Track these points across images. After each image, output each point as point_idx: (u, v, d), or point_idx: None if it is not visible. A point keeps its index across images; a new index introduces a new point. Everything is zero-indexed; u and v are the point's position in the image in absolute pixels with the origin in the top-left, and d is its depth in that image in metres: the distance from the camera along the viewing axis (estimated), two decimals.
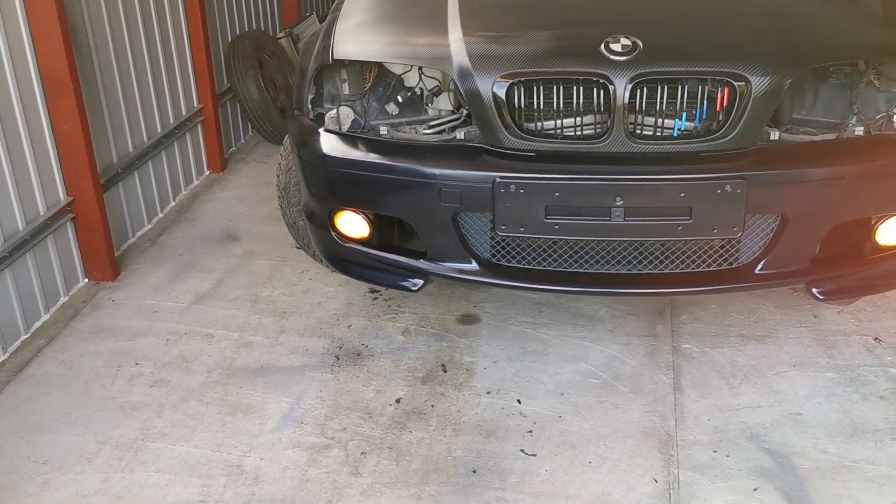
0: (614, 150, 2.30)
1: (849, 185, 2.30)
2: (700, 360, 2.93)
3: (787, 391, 2.75)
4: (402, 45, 2.53)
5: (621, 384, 2.82)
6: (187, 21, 4.33)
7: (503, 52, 2.38)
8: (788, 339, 3.02)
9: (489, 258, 2.50)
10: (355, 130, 2.62)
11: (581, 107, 2.33)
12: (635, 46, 2.29)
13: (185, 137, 4.41)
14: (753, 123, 2.26)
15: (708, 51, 2.32)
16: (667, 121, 2.31)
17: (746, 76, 2.22)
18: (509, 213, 2.33)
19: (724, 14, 2.54)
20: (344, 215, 2.61)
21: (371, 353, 3.03)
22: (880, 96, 2.47)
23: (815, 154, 2.33)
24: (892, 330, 3.03)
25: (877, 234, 2.42)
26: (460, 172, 2.36)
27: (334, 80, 2.66)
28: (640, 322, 3.15)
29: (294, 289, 3.46)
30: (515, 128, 2.35)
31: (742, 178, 2.23)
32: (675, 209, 2.27)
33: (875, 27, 2.52)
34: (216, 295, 3.43)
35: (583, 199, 2.29)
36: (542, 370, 2.90)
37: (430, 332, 3.13)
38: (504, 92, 2.32)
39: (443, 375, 2.89)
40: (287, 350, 3.06)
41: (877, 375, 2.80)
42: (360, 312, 3.28)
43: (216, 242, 3.88)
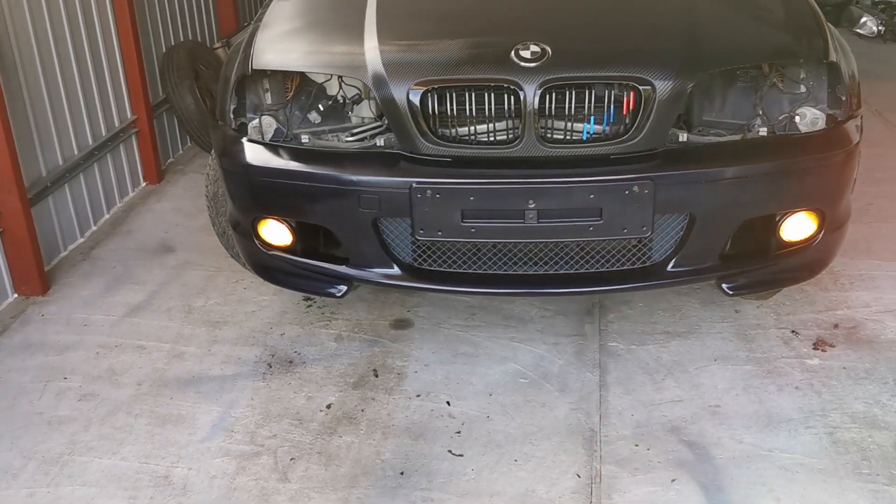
0: (526, 155, 2.37)
1: (752, 184, 2.39)
2: (626, 357, 3.00)
3: (707, 384, 2.83)
4: (320, 55, 2.57)
5: (549, 383, 2.88)
6: (118, 32, 4.31)
7: (417, 59, 2.43)
8: (711, 334, 3.11)
9: (411, 262, 2.54)
10: (278, 139, 2.65)
11: (493, 113, 2.38)
12: (544, 53, 2.36)
13: (119, 149, 4.39)
14: (659, 126, 2.34)
15: (613, 56, 2.40)
16: (576, 125, 2.38)
17: (651, 80, 2.30)
18: (427, 218, 2.38)
19: (629, 20, 2.62)
20: (267, 224, 2.63)
21: (303, 360, 3.05)
22: (784, 98, 2.56)
23: (719, 154, 2.42)
24: (809, 323, 3.14)
25: (781, 230, 2.51)
26: (378, 179, 2.40)
27: (257, 89, 2.69)
28: (569, 322, 3.21)
29: (228, 298, 3.47)
30: (431, 134, 2.40)
31: (649, 179, 2.31)
32: (585, 210, 2.34)
33: (774, 31, 2.62)
34: (149, 307, 3.42)
35: (497, 203, 2.34)
36: (472, 371, 2.95)
37: (363, 338, 3.16)
38: (418, 99, 2.37)
39: (374, 380, 2.92)
40: (219, 360, 3.07)
41: (793, 367, 2.89)
42: (294, 320, 3.30)
43: (150, 254, 3.87)
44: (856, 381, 2.81)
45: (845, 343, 3.01)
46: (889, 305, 3.23)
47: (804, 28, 2.56)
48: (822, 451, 2.50)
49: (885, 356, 2.93)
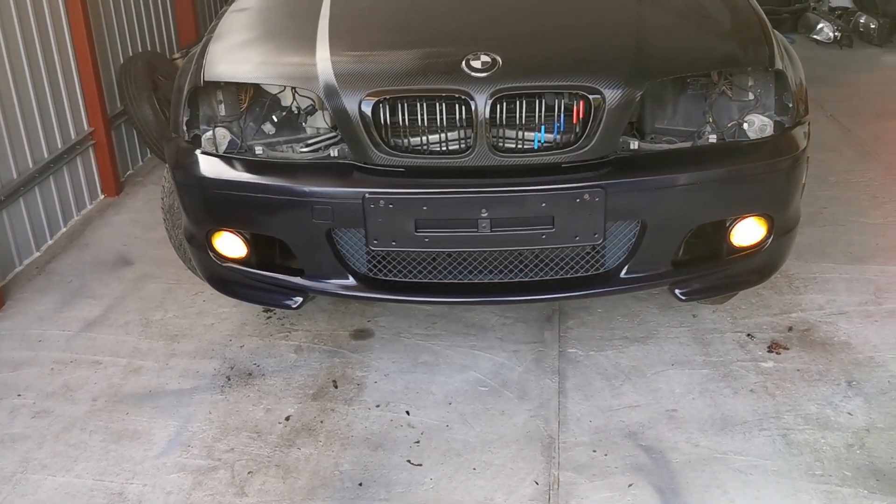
0: (479, 164, 2.38)
1: (702, 190, 2.42)
2: (585, 363, 3.02)
3: (664, 389, 2.86)
4: (272, 66, 2.56)
5: (508, 391, 2.89)
6: (73, 43, 4.27)
7: (369, 70, 2.43)
8: (668, 339, 3.14)
9: (366, 273, 2.54)
10: (232, 151, 2.63)
11: (445, 123, 2.39)
12: (494, 63, 2.37)
13: (76, 162, 4.34)
14: (609, 134, 2.37)
15: (563, 66, 2.42)
16: (527, 134, 2.40)
17: (600, 89, 2.33)
18: (380, 228, 2.38)
19: (578, 30, 2.64)
20: (221, 236, 2.61)
21: (262, 372, 3.03)
22: (733, 105, 2.60)
23: (669, 162, 2.45)
24: (764, 326, 3.18)
25: (732, 235, 2.55)
26: (331, 189, 2.40)
27: (210, 101, 2.67)
28: (529, 329, 3.23)
29: (187, 311, 3.44)
30: (383, 144, 2.40)
31: (600, 187, 2.33)
32: (537, 218, 2.35)
33: (721, 40, 2.66)
34: (105, 321, 3.39)
35: (450, 212, 2.35)
36: (432, 381, 2.95)
37: (322, 349, 3.15)
38: (370, 109, 2.37)
39: (333, 391, 2.91)
40: (177, 373, 3.04)
41: (748, 370, 2.93)
42: (254, 332, 3.28)
43: (108, 267, 3.83)
44: (809, 383, 2.85)
45: (799, 345, 3.06)
46: (842, 307, 3.28)
47: (750, 37, 2.60)
48: (776, 453, 2.54)
49: (837, 358, 2.98)
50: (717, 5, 2.83)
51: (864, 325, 3.16)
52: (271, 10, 2.98)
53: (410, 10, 2.84)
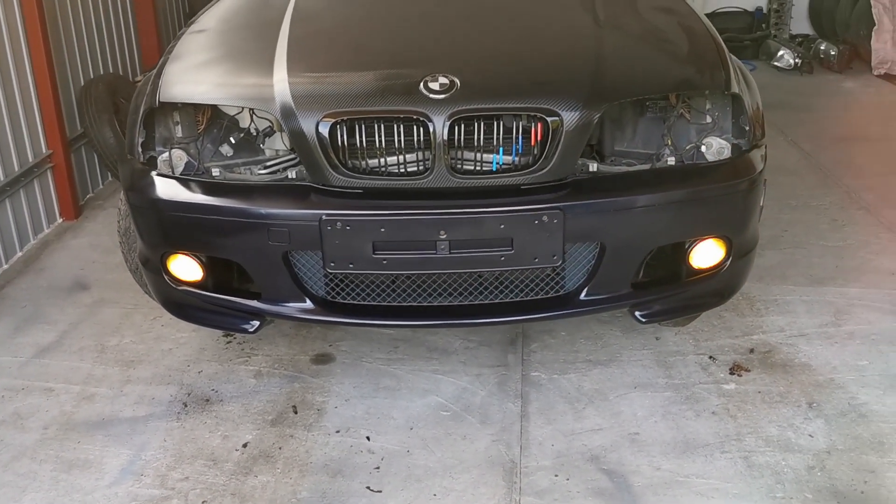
0: (437, 186, 2.36)
1: (660, 212, 2.43)
2: (548, 386, 3.00)
3: (626, 412, 2.84)
4: (228, 87, 2.53)
5: (470, 415, 2.85)
6: (32, 64, 4.21)
7: (326, 91, 2.42)
8: (631, 361, 3.13)
9: (324, 296, 2.50)
10: (189, 173, 2.59)
11: (403, 144, 2.38)
12: (452, 85, 2.36)
13: (34, 184, 4.26)
14: (567, 156, 2.36)
15: (521, 88, 2.42)
16: (486, 155, 2.39)
17: (557, 111, 2.33)
18: (337, 250, 2.35)
19: (536, 53, 2.65)
20: (176, 259, 2.57)
21: (220, 398, 2.97)
22: (691, 128, 2.62)
23: (627, 184, 2.45)
24: (726, 348, 3.19)
25: (691, 257, 2.55)
26: (287, 211, 2.37)
27: (167, 122, 2.63)
28: (493, 352, 3.20)
29: (145, 336, 3.37)
30: (341, 166, 2.38)
31: (558, 209, 2.32)
32: (496, 240, 2.34)
33: (678, 64, 2.68)
34: (59, 347, 3.31)
35: (408, 234, 2.33)
36: (394, 405, 2.91)
37: (282, 374, 3.10)
38: (328, 131, 2.35)
39: (293, 417, 2.86)
40: (132, 400, 2.97)
41: (710, 392, 2.93)
42: (213, 357, 3.22)
43: (64, 292, 3.75)
44: (770, 405, 2.85)
45: (760, 367, 3.07)
46: (802, 329, 3.30)
47: (707, 61, 2.62)
48: (738, 476, 2.53)
49: (798, 380, 2.98)
50: (675, 30, 2.86)
51: (824, 347, 3.18)
52: (230, 31, 2.96)
53: (369, 32, 2.83)
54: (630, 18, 2.93)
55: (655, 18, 3.00)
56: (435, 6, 3.03)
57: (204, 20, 3.09)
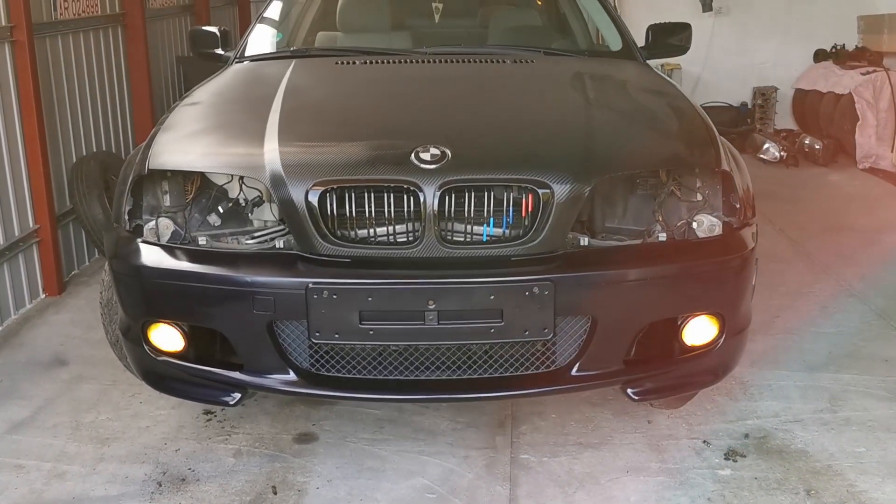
0: (426, 255, 2.33)
1: (653, 287, 2.39)
2: (538, 469, 2.90)
3: (619, 497, 2.74)
4: (218, 155, 2.53)
5: (457, 498, 2.74)
6: (24, 140, 4.22)
7: (316, 160, 2.41)
8: (623, 445, 3.04)
9: (308, 368, 2.43)
10: (175, 242, 2.56)
11: (393, 214, 2.35)
12: (444, 155, 2.36)
13: (18, 259, 4.22)
14: (558, 228, 2.35)
15: (512, 160, 2.42)
16: (475, 226, 2.37)
17: (549, 184, 2.32)
18: (323, 320, 2.29)
19: (527, 126, 2.66)
20: (158, 328, 2.50)
21: (197, 477, 2.86)
22: (682, 205, 2.62)
23: (619, 257, 2.43)
24: (720, 433, 3.11)
25: (683, 334, 2.50)
26: (272, 279, 2.32)
27: (155, 191, 2.62)
28: (481, 434, 3.11)
29: (122, 413, 3.27)
30: (329, 234, 2.35)
31: (549, 281, 2.29)
32: (486, 311, 2.29)
33: (669, 141, 2.70)
34: (33, 423, 3.20)
35: (396, 304, 2.28)
36: (377, 487, 2.80)
37: (263, 453, 2.99)
38: (317, 199, 2.33)
39: (272, 497, 2.74)
40: (104, 479, 2.85)
41: (705, 478, 2.83)
42: (191, 435, 3.11)
43: (42, 368, 3.66)
44: (767, 492, 2.76)
45: (756, 453, 2.98)
46: (797, 415, 3.23)
47: (697, 139, 2.64)
48: None
49: (795, 466, 2.90)
50: (665, 110, 2.90)
51: (820, 433, 3.10)
52: (222, 104, 2.98)
53: (361, 106, 2.86)
54: (620, 98, 2.97)
55: (646, 99, 3.05)
56: (425, 83, 3.07)
57: (197, 94, 3.12)
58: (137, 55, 5.65)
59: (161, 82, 6.31)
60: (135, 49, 5.62)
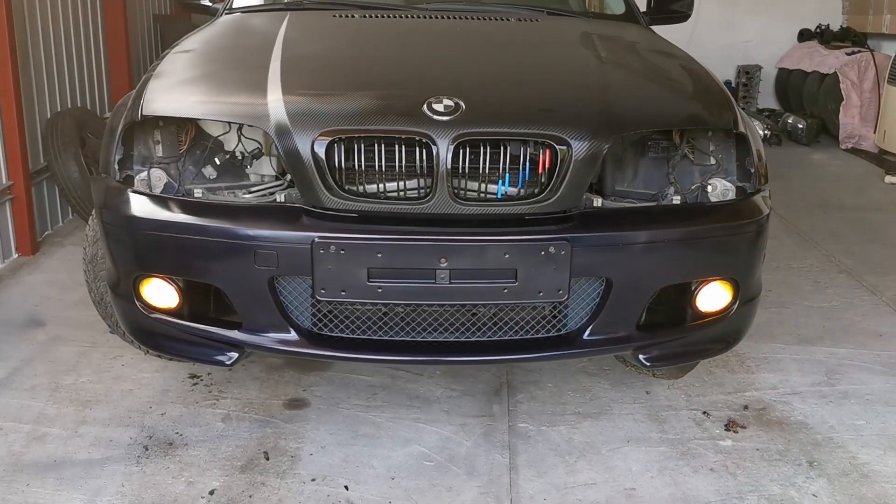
0: (438, 212, 2.22)
1: (670, 250, 2.31)
2: (536, 438, 2.83)
3: (621, 467, 2.69)
4: (217, 103, 2.38)
5: (455, 466, 2.67)
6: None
7: (323, 109, 2.28)
8: (622, 415, 2.98)
9: (310, 328, 2.33)
10: (169, 194, 2.43)
11: (404, 167, 2.24)
12: (458, 107, 2.25)
13: None
14: (575, 187, 2.25)
15: (530, 113, 2.32)
16: (491, 183, 2.26)
17: (567, 139, 2.22)
18: (329, 276, 2.19)
19: (543, 80, 2.56)
20: (151, 283, 2.38)
21: (185, 441, 2.75)
22: (695, 169, 2.54)
23: (637, 218, 2.34)
24: (720, 404, 3.06)
25: (697, 300, 2.44)
26: (276, 233, 2.20)
27: (146, 140, 2.48)
28: (477, 402, 3.04)
29: (103, 376, 3.14)
30: (336, 187, 2.23)
31: (566, 240, 2.20)
32: (499, 271, 2.20)
33: (687, 101, 2.61)
34: (10, 384, 3.06)
35: (407, 261, 2.18)
36: (373, 454, 2.72)
37: (253, 418, 2.89)
38: (324, 150, 2.21)
39: (264, 463, 2.65)
40: (87, 442, 2.73)
41: (706, 448, 2.79)
42: (177, 399, 2.99)
43: (17, 329, 3.51)
44: (770, 463, 2.72)
45: (756, 424, 2.94)
46: (795, 387, 3.20)
47: (714, 100, 2.56)
48: None
49: (796, 438, 2.86)
50: (679, 70, 2.81)
51: (819, 406, 3.07)
52: (217, 52, 2.84)
53: (368, 56, 2.73)
54: (633, 58, 2.88)
55: (658, 60, 2.96)
56: (432, 36, 2.95)
57: (188, 43, 2.97)
58: (115, 11, 5.44)
59: (138, 42, 6.10)
60: (112, 4, 5.41)
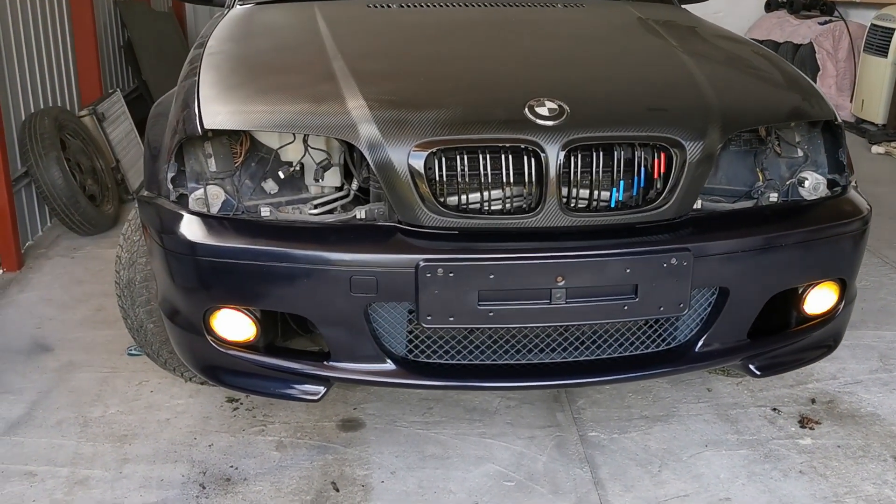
0: (548, 225, 2.05)
1: (787, 253, 2.20)
2: (611, 448, 2.71)
3: (707, 474, 2.58)
4: (293, 114, 2.13)
5: (538, 484, 2.53)
6: None
7: (416, 118, 2.07)
8: (691, 416, 2.88)
9: (405, 355, 2.14)
10: (227, 212, 2.20)
11: (512, 178, 2.06)
12: (562, 110, 2.08)
13: None
14: (691, 191, 2.11)
15: (639, 115, 2.15)
16: (603, 191, 2.10)
17: (681, 141, 2.07)
18: (436, 302, 2.00)
19: (640, 77, 2.40)
20: (222, 314, 2.15)
21: (243, 475, 2.54)
22: (781, 163, 2.43)
23: (753, 221, 2.22)
24: (785, 398, 2.99)
25: (805, 303, 2.33)
26: (375, 257, 2.00)
27: (198, 155, 2.24)
28: (538, 411, 2.89)
29: (133, 405, 2.89)
30: (436, 203, 2.04)
31: (687, 250, 2.05)
32: (620, 287, 2.05)
33: (786, 93, 2.48)
34: (32, 421, 2.79)
35: (521, 281, 2.00)
36: (448, 476, 2.55)
37: (309, 444, 2.69)
38: (422, 163, 2.01)
39: (335, 495, 2.46)
40: (136, 483, 2.50)
41: (788, 449, 2.71)
42: (221, 427, 2.77)
43: (23, 356, 3.22)
44: (855, 461, 2.65)
45: (829, 419, 2.87)
46: (855, 376, 3.14)
47: (808, 91, 2.44)
48: None
49: (873, 431, 2.80)
50: (760, 60, 2.67)
51: (885, 395, 3.02)
52: (262, 53, 2.59)
53: (437, 52, 2.51)
54: (706, 46, 2.72)
55: (729, 46, 2.81)
56: (491, 28, 2.73)
57: (217, 43, 2.69)
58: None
59: (102, 29, 5.71)
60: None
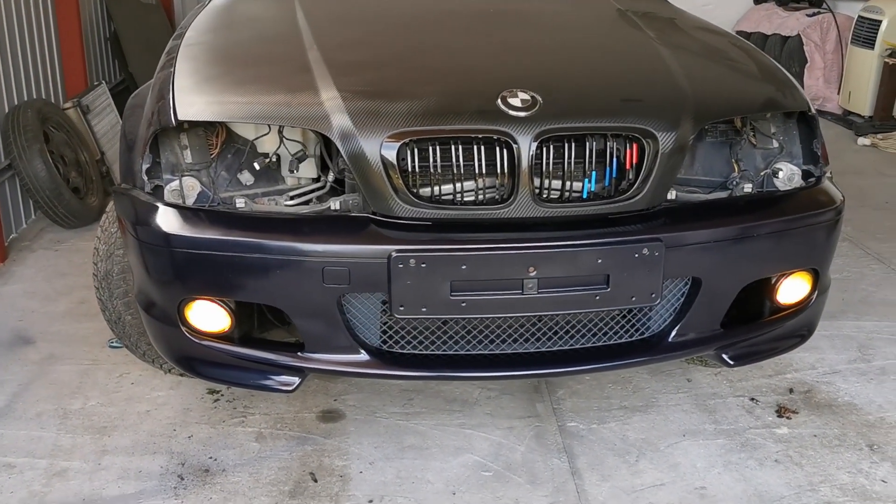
0: (520, 216, 2.06)
1: (760, 243, 2.21)
2: (590, 438, 2.72)
3: (684, 464, 2.60)
4: (267, 105, 2.14)
5: (515, 474, 2.54)
6: None
7: (389, 108, 2.08)
8: (670, 406, 2.90)
9: (380, 346, 2.14)
10: (202, 204, 2.20)
11: (485, 169, 2.07)
12: (535, 101, 2.08)
13: None
14: (663, 181, 2.12)
15: (612, 106, 2.17)
16: (575, 182, 2.11)
17: (654, 131, 2.08)
18: (409, 293, 2.01)
19: (613, 67, 2.41)
20: (198, 306, 2.15)
21: (222, 467, 2.55)
22: (757, 154, 2.44)
23: (725, 211, 2.23)
24: (764, 388, 3.00)
25: (777, 292, 2.35)
26: (348, 248, 2.01)
27: (173, 146, 2.24)
28: (518, 402, 2.91)
29: (113, 397, 2.90)
30: (409, 194, 2.05)
31: (659, 240, 2.07)
32: (591, 277, 2.06)
33: (760, 84, 2.49)
34: (12, 413, 2.80)
35: (493, 272, 2.01)
36: (426, 467, 2.57)
37: (289, 435, 2.70)
38: (394, 154, 2.02)
39: (313, 486, 2.47)
40: (114, 475, 2.50)
41: (765, 438, 2.72)
42: (201, 419, 2.78)
43: (4, 348, 3.22)
44: (832, 450, 2.67)
45: (806, 409, 2.89)
46: (834, 366, 3.16)
47: (783, 82, 2.46)
48: None
49: (849, 420, 2.82)
50: (736, 51, 2.68)
51: (862, 384, 3.04)
52: (239, 45, 2.59)
53: (414, 42, 2.52)
54: (684, 37, 2.73)
55: (709, 39, 2.82)
56: (468, 19, 2.74)
57: (195, 35, 2.70)
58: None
59: (87, 20, 5.68)
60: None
